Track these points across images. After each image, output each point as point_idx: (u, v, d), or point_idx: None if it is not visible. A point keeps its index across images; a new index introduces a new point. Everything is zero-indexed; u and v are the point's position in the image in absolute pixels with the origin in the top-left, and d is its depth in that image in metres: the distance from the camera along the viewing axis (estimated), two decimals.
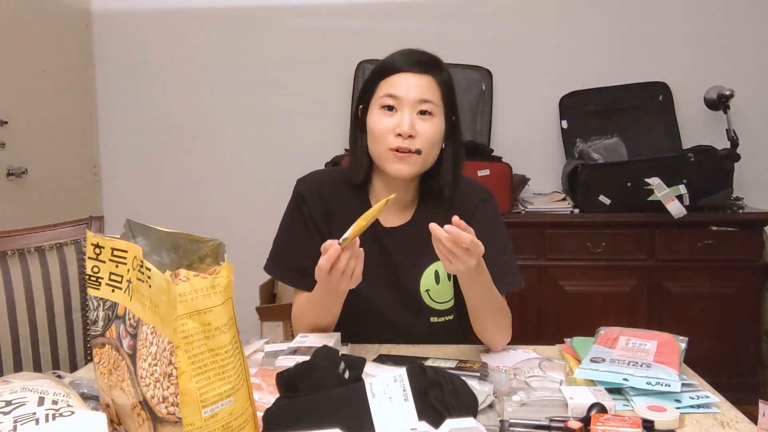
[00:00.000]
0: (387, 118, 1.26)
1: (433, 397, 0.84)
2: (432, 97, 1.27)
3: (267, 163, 3.09)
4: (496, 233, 1.34)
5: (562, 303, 2.61)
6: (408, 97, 1.25)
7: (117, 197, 3.15)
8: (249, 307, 2.70)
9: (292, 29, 3.03)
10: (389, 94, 1.26)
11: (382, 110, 1.27)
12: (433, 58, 1.32)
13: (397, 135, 1.25)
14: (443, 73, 1.31)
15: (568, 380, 1.11)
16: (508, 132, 2.96)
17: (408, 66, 1.27)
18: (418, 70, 1.27)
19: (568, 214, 2.65)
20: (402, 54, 1.30)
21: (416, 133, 1.25)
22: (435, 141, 1.28)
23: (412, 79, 1.26)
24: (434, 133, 1.27)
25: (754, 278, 2.57)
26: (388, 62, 1.30)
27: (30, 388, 0.77)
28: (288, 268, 1.37)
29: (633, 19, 2.94)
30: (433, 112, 1.27)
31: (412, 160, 1.25)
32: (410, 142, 1.24)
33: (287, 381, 0.90)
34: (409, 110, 1.25)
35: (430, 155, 1.28)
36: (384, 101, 1.27)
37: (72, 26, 2.96)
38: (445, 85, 1.30)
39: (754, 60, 2.91)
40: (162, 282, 0.72)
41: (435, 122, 1.27)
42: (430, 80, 1.28)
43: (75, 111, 2.99)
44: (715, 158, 2.58)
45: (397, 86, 1.26)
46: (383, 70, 1.29)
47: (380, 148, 1.27)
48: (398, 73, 1.27)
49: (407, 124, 1.24)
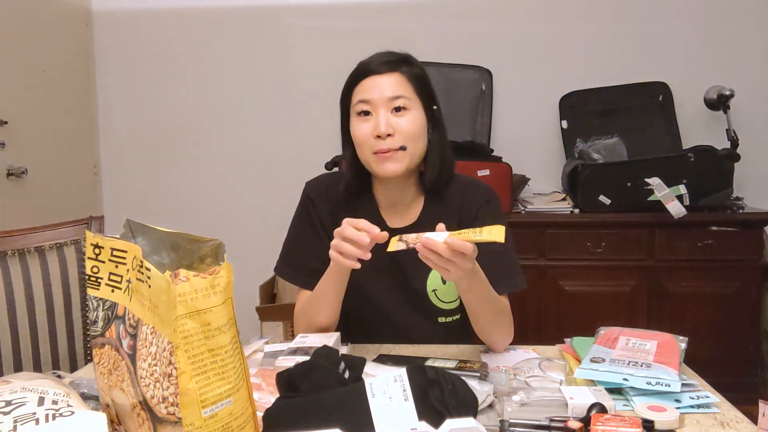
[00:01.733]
0: (364, 123, 1.27)
1: (433, 397, 0.84)
2: (403, 92, 1.28)
3: (267, 163, 3.09)
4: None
5: (562, 303, 2.61)
6: (379, 98, 1.27)
7: (117, 197, 3.15)
8: (249, 307, 2.70)
9: (292, 29, 3.03)
10: (361, 100, 1.28)
11: (359, 117, 1.29)
12: (401, 56, 1.32)
13: (376, 137, 1.26)
14: (413, 68, 1.32)
15: (568, 380, 1.11)
16: (508, 132, 2.96)
17: (375, 68, 1.29)
18: (385, 70, 1.28)
19: (568, 214, 2.65)
20: (369, 58, 1.32)
21: (394, 130, 1.26)
22: (416, 134, 1.28)
23: (380, 80, 1.28)
24: (414, 126, 1.27)
25: (754, 278, 2.57)
26: (356, 69, 1.32)
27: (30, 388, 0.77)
28: (297, 269, 1.39)
29: (633, 19, 2.94)
30: (407, 107, 1.27)
31: (397, 157, 1.26)
32: (391, 141, 1.26)
33: (287, 381, 0.89)
34: (384, 110, 1.26)
35: (416, 149, 1.29)
36: (358, 107, 1.28)
37: (72, 26, 2.96)
38: (416, 78, 1.30)
39: (754, 60, 2.91)
40: (162, 282, 0.72)
41: (412, 115, 1.28)
42: (398, 77, 1.29)
43: (75, 111, 2.99)
44: (715, 158, 2.58)
45: (368, 90, 1.28)
46: (353, 77, 1.32)
47: (365, 153, 1.29)
48: (367, 77, 1.29)
49: (383, 124, 1.25)
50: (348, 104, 1.32)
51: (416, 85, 1.30)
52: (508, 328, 1.30)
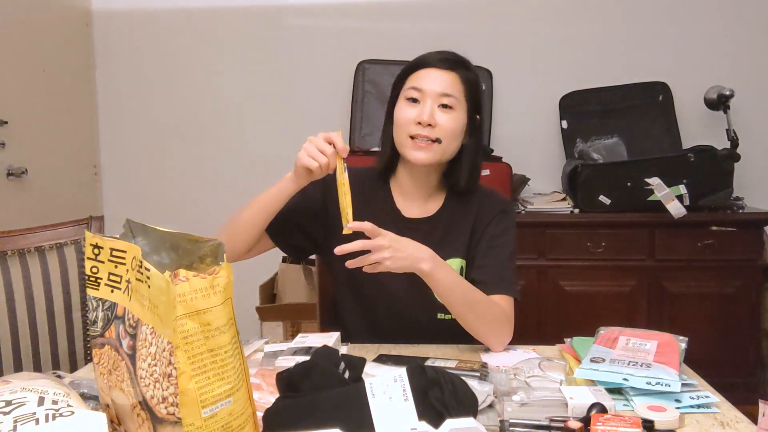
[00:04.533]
0: (410, 108, 1.34)
1: (433, 397, 0.84)
2: (454, 92, 1.33)
3: (267, 163, 3.08)
4: (504, 244, 1.40)
5: (562, 303, 2.60)
6: (431, 90, 1.33)
7: (117, 197, 3.15)
8: (249, 307, 2.70)
9: (292, 29, 3.03)
10: (414, 87, 1.34)
11: (407, 102, 1.35)
12: (461, 59, 1.39)
13: (417, 124, 1.31)
14: (470, 73, 1.38)
15: (568, 380, 1.11)
16: (508, 132, 2.96)
17: (434, 62, 1.35)
18: (443, 66, 1.35)
19: (568, 214, 2.65)
20: (432, 52, 1.38)
21: (436, 123, 1.32)
22: (455, 133, 1.34)
23: (436, 74, 1.34)
24: (454, 125, 1.33)
25: (754, 278, 2.57)
26: (417, 59, 1.38)
27: (30, 388, 0.77)
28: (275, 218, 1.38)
29: (633, 19, 2.94)
30: (454, 107, 1.33)
31: (432, 149, 1.32)
32: (429, 131, 1.32)
33: (287, 381, 0.89)
34: (431, 102, 1.33)
35: (450, 146, 1.34)
36: (409, 93, 1.35)
37: (72, 26, 2.96)
38: (469, 83, 1.36)
39: (754, 60, 2.91)
40: (161, 282, 0.72)
41: (455, 115, 1.33)
42: (454, 76, 1.35)
43: (75, 111, 2.99)
44: (715, 158, 2.58)
45: (422, 80, 1.34)
46: (412, 65, 1.38)
47: (401, 135, 1.35)
48: (424, 68, 1.35)
49: (427, 113, 1.31)
50: (399, 88, 1.38)
51: (467, 89, 1.36)
52: (499, 325, 1.30)
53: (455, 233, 1.40)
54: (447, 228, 1.40)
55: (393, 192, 1.44)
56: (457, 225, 1.41)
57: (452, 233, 1.40)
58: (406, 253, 1.20)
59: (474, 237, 1.40)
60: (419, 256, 1.22)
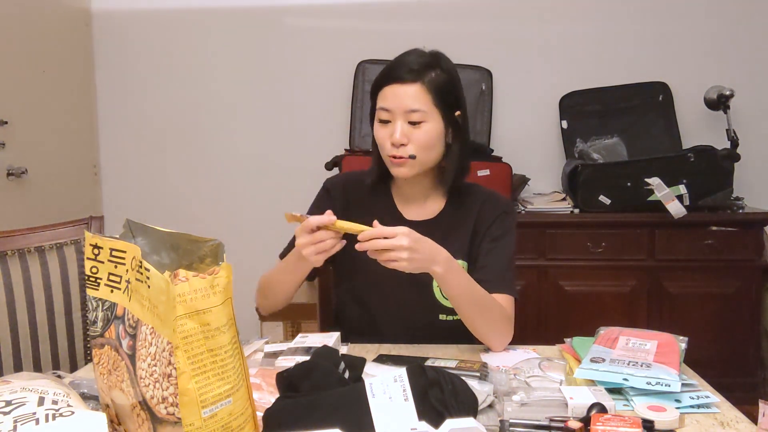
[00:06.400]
0: (383, 129, 1.35)
1: (433, 397, 0.84)
2: (420, 105, 1.31)
3: (267, 163, 3.09)
4: (506, 245, 1.41)
5: (562, 303, 2.60)
6: (398, 108, 1.32)
7: (117, 197, 3.15)
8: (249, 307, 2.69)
9: (292, 29, 3.03)
10: (382, 107, 1.34)
11: (379, 123, 1.35)
12: (427, 60, 1.34)
13: (392, 144, 1.33)
14: (438, 75, 1.34)
15: (568, 380, 1.11)
16: (508, 132, 2.96)
17: (398, 75, 1.33)
18: (407, 79, 1.32)
19: (568, 214, 2.65)
20: (396, 61, 1.36)
21: (408, 140, 1.32)
22: (429, 144, 1.34)
23: (400, 90, 1.32)
24: (427, 137, 1.33)
25: (754, 278, 2.56)
26: (383, 72, 1.37)
27: (30, 388, 0.77)
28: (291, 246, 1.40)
29: (633, 19, 2.94)
30: (423, 119, 1.32)
31: (408, 164, 1.33)
32: (403, 150, 1.33)
33: (287, 381, 0.90)
34: (401, 120, 1.32)
35: (428, 156, 1.35)
36: (379, 115, 1.35)
37: (72, 26, 2.96)
38: (436, 88, 1.33)
39: (754, 60, 2.91)
40: (161, 282, 0.72)
41: (426, 127, 1.33)
42: (418, 88, 1.32)
43: (75, 111, 2.99)
44: (715, 158, 2.58)
45: (388, 99, 1.33)
46: (377, 82, 1.37)
47: (382, 154, 1.37)
48: (389, 84, 1.34)
49: (398, 133, 1.31)
50: (373, 106, 1.39)
51: (436, 96, 1.33)
52: (502, 326, 1.31)
53: (457, 235, 1.41)
54: (448, 230, 1.40)
55: (393, 194, 1.46)
56: (459, 226, 1.42)
57: (454, 235, 1.40)
58: (422, 256, 1.19)
59: (476, 238, 1.41)
60: (434, 259, 1.22)
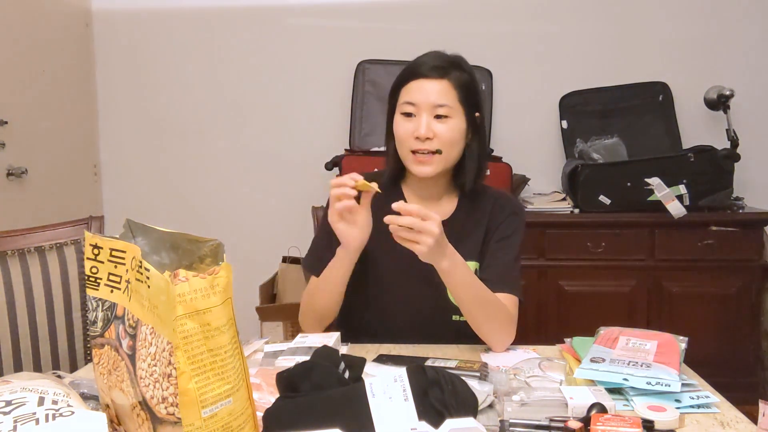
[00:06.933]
0: (407, 123, 1.34)
1: (433, 397, 0.84)
2: (447, 100, 1.33)
3: (267, 163, 3.09)
4: (512, 245, 1.41)
5: (562, 303, 2.60)
6: (424, 102, 1.33)
7: (117, 197, 3.15)
8: (249, 307, 2.70)
9: (293, 29, 3.03)
10: (407, 101, 1.34)
11: (403, 116, 1.35)
12: (452, 61, 1.37)
13: (416, 138, 1.32)
14: (462, 75, 1.36)
15: (568, 380, 1.11)
16: (508, 132, 2.96)
17: (425, 71, 1.34)
18: (434, 75, 1.34)
19: (568, 214, 2.65)
20: (420, 59, 1.38)
21: (434, 134, 1.32)
22: (454, 140, 1.34)
23: (427, 85, 1.33)
24: (452, 133, 1.34)
25: (754, 278, 2.57)
26: (407, 69, 1.38)
27: (30, 388, 0.77)
28: (316, 258, 1.43)
29: (633, 19, 2.94)
30: (449, 115, 1.33)
31: (433, 160, 1.33)
32: (428, 144, 1.32)
33: (287, 381, 0.89)
34: (427, 114, 1.33)
35: (451, 154, 1.35)
36: (403, 108, 1.35)
37: (72, 26, 2.96)
38: (462, 86, 1.35)
39: (754, 60, 2.91)
40: (161, 282, 0.72)
41: (452, 123, 1.34)
42: (446, 84, 1.34)
43: (75, 111, 2.99)
44: (715, 158, 2.58)
45: (414, 93, 1.34)
46: (403, 77, 1.38)
47: (403, 150, 1.36)
48: (415, 79, 1.35)
49: (424, 127, 1.32)
50: (395, 101, 1.38)
51: (461, 93, 1.35)
52: (504, 326, 1.31)
53: (470, 236, 1.41)
54: (462, 231, 1.40)
55: (406, 195, 1.45)
56: (472, 228, 1.42)
57: (467, 236, 1.40)
58: (439, 249, 1.19)
59: (487, 238, 1.42)
60: (444, 252, 1.22)
